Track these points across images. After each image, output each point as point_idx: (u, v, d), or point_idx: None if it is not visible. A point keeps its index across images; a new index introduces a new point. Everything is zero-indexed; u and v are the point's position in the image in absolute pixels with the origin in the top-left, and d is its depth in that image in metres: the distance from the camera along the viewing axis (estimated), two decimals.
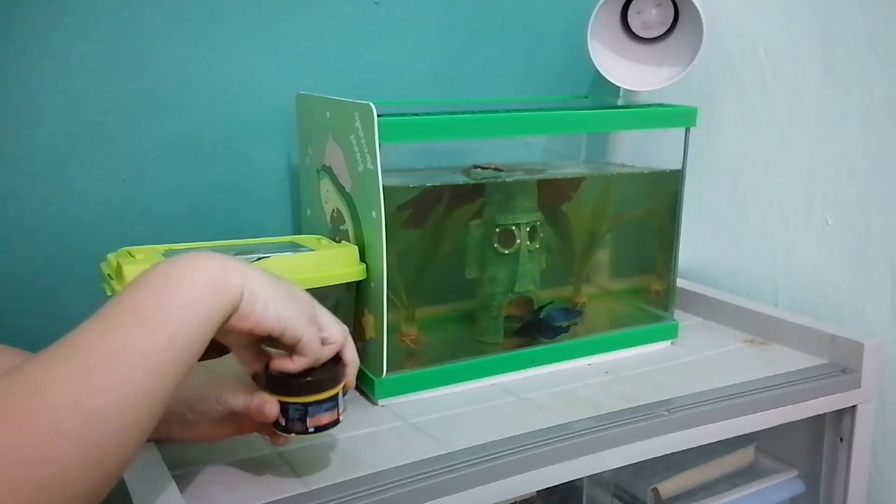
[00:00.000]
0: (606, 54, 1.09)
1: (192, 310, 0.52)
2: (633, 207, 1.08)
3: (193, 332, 0.52)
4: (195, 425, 0.66)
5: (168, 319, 0.51)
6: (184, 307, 0.52)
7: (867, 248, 0.98)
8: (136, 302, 0.51)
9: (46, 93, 0.91)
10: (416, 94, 1.11)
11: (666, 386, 0.87)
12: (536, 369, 0.91)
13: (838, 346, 0.92)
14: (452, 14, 1.13)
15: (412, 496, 0.65)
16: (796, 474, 0.97)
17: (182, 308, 0.52)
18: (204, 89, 0.99)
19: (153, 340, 0.50)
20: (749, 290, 1.12)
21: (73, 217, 0.94)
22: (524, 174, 0.96)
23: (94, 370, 0.47)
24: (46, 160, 0.92)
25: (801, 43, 1.03)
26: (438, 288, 0.95)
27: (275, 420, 0.64)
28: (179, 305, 0.52)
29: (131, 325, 0.50)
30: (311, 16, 1.03)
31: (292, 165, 1.05)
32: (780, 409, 0.86)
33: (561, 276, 1.02)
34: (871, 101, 0.96)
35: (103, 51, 0.93)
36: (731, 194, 1.14)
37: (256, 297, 0.56)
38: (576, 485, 0.85)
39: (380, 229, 0.78)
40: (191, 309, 0.52)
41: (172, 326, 0.51)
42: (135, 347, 0.49)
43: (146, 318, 0.50)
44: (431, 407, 0.78)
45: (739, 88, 1.11)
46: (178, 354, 0.51)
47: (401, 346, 0.89)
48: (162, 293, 0.52)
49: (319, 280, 0.79)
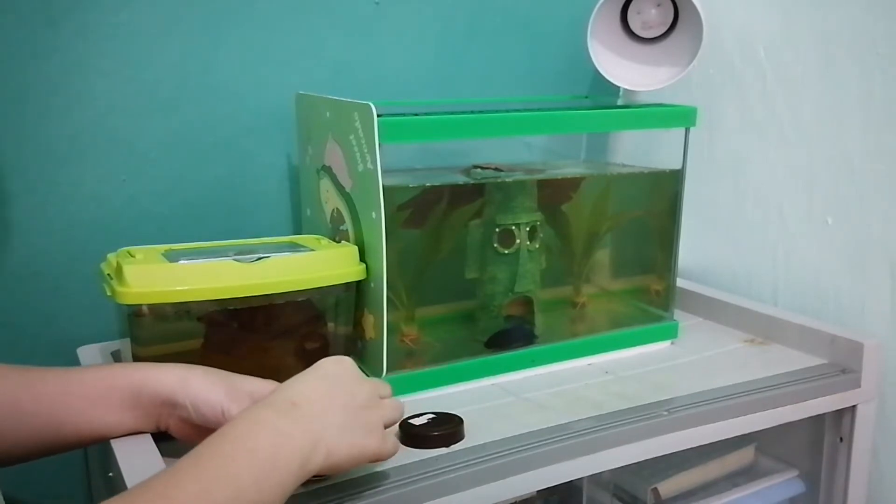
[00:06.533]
0: (606, 54, 1.09)
1: (279, 492, 0.54)
2: (633, 207, 1.08)
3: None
4: (192, 426, 0.67)
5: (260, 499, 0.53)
6: (275, 490, 0.54)
7: (867, 248, 0.98)
8: (236, 474, 0.52)
9: (47, 93, 0.91)
10: (416, 95, 1.11)
11: (666, 386, 0.87)
12: (536, 369, 0.91)
13: (838, 346, 0.92)
14: (453, 14, 1.13)
15: (412, 496, 0.65)
16: (796, 474, 0.97)
17: (273, 491, 0.54)
18: (204, 89, 0.99)
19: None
20: (749, 290, 1.12)
21: (73, 217, 0.94)
22: (524, 174, 0.96)
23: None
24: (47, 160, 0.92)
25: (801, 43, 1.03)
26: (438, 288, 0.95)
27: None
28: (271, 488, 0.54)
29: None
30: (311, 16, 1.03)
31: (292, 165, 1.05)
32: (780, 409, 0.86)
33: (561, 276, 1.02)
34: (871, 102, 0.96)
35: (103, 51, 0.93)
36: (731, 194, 1.14)
37: (334, 461, 0.59)
38: (576, 485, 0.85)
39: (380, 229, 0.78)
40: (279, 491, 0.54)
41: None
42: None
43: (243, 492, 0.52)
44: (431, 407, 0.78)
45: (739, 88, 1.11)
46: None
47: (401, 346, 0.89)
48: (259, 473, 0.53)
49: (319, 280, 0.79)
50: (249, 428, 0.55)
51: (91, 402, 0.66)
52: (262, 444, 0.54)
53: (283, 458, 0.55)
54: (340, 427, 0.60)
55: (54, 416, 0.65)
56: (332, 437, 0.59)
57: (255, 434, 0.55)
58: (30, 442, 0.65)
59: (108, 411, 0.66)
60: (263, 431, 0.55)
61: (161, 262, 0.76)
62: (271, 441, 0.55)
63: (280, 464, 0.54)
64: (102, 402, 0.66)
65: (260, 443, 0.54)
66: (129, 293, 0.72)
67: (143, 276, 0.72)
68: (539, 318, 0.95)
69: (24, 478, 0.56)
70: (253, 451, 0.54)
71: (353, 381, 0.64)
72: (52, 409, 0.65)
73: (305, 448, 0.56)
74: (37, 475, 0.59)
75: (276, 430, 0.56)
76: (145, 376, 0.67)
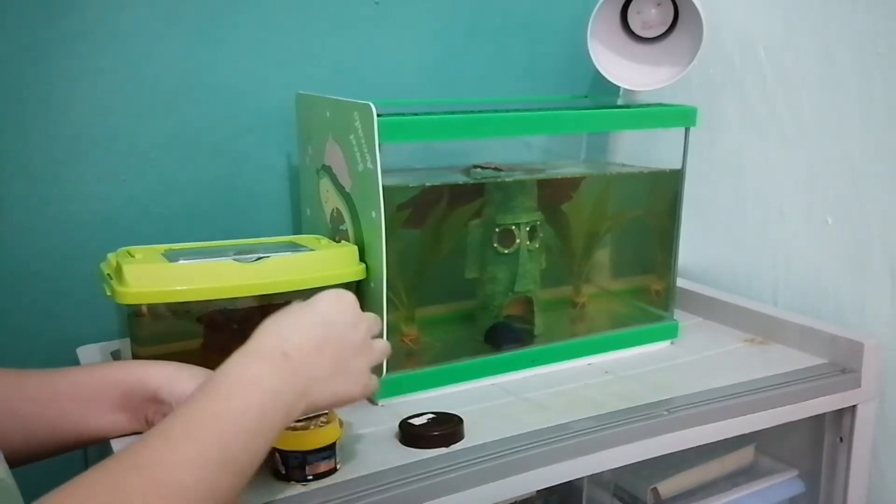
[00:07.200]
0: (606, 54, 1.09)
1: (265, 445, 0.56)
2: (633, 207, 1.08)
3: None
4: (167, 410, 0.66)
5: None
6: (261, 445, 0.56)
7: (867, 248, 0.98)
8: (227, 436, 0.54)
9: (47, 93, 0.91)
10: (416, 94, 1.11)
11: (666, 386, 0.87)
12: (536, 369, 0.91)
13: (838, 345, 0.92)
14: (452, 14, 1.13)
15: (412, 496, 0.65)
16: (796, 474, 0.97)
17: (259, 446, 0.56)
18: (204, 89, 0.99)
19: None
20: (749, 290, 1.12)
21: (73, 217, 0.94)
22: (524, 174, 0.96)
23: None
24: (47, 160, 0.92)
25: (801, 43, 1.03)
26: (438, 288, 0.95)
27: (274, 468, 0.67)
28: (258, 444, 0.55)
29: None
30: (311, 16, 1.03)
31: (292, 165, 1.05)
32: (780, 409, 0.86)
33: (561, 276, 1.02)
34: (871, 102, 0.96)
35: (103, 51, 0.93)
36: (731, 194, 1.14)
37: (314, 407, 0.62)
38: (576, 485, 0.85)
39: (379, 229, 0.78)
40: (264, 445, 0.56)
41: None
42: None
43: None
44: (431, 407, 0.78)
45: (739, 88, 1.11)
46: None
47: (401, 347, 0.89)
48: (248, 433, 0.55)
49: (319, 280, 0.79)
50: (241, 386, 0.56)
51: (84, 403, 0.66)
52: (253, 403, 0.55)
53: (270, 415, 0.56)
54: (327, 378, 0.62)
55: (49, 419, 0.65)
56: (316, 387, 0.61)
57: (246, 393, 0.56)
58: (27, 445, 0.65)
59: (101, 412, 0.66)
60: (255, 391, 0.56)
61: (161, 262, 0.76)
62: (261, 400, 0.56)
63: (267, 421, 0.56)
64: (95, 404, 0.66)
65: (251, 401, 0.55)
66: (129, 293, 0.72)
67: (143, 275, 0.72)
68: (539, 318, 0.95)
69: (22, 479, 0.56)
70: (244, 412, 0.55)
71: (347, 327, 0.64)
72: (46, 413, 0.65)
73: (290, 401, 0.58)
74: (34, 477, 0.58)
75: (267, 389, 0.57)
76: (134, 375, 0.67)
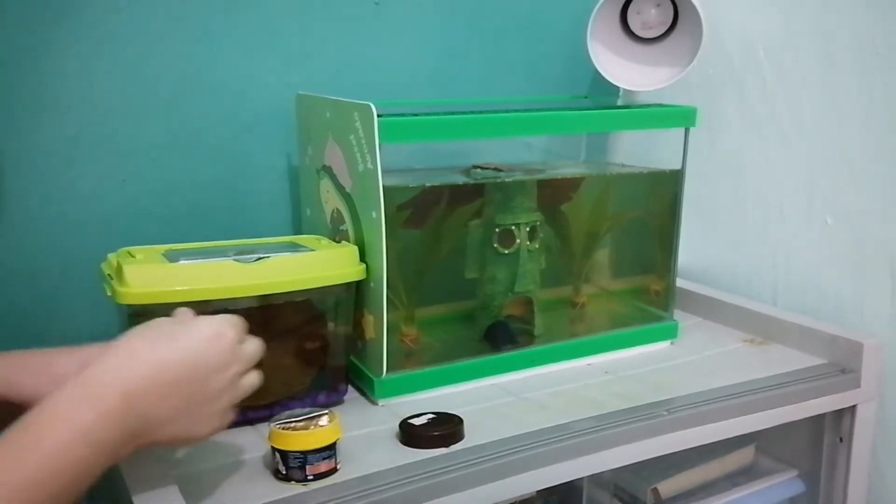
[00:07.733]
0: (606, 54, 1.09)
1: (87, 481, 0.54)
2: (632, 207, 1.08)
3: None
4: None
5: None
6: (81, 483, 0.54)
7: (867, 248, 0.98)
8: (41, 479, 0.51)
9: (47, 93, 0.91)
10: (416, 95, 1.11)
11: (666, 386, 0.87)
12: (536, 369, 0.91)
13: (838, 346, 0.92)
14: (453, 14, 1.13)
15: (412, 496, 0.65)
16: (796, 474, 0.97)
17: (79, 484, 0.54)
18: (204, 89, 0.99)
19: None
20: (749, 290, 1.12)
21: (73, 217, 0.94)
22: (524, 174, 0.96)
23: None
24: (47, 160, 0.92)
25: (801, 43, 1.03)
26: (438, 288, 0.95)
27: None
28: (74, 483, 0.53)
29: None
30: (311, 16, 1.03)
31: (292, 165, 1.05)
32: (780, 409, 0.86)
33: (561, 276, 1.02)
34: (871, 102, 0.96)
35: (103, 51, 0.93)
36: (731, 194, 1.14)
37: (151, 445, 0.59)
38: (576, 485, 0.85)
39: (380, 229, 0.78)
40: (86, 481, 0.54)
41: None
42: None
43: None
44: (431, 407, 0.78)
45: (739, 88, 1.11)
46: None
47: (400, 347, 0.89)
48: (63, 479, 0.53)
49: (319, 280, 0.79)
50: (55, 425, 0.53)
51: None
52: (62, 443, 0.53)
53: (82, 457, 0.54)
54: (169, 419, 0.59)
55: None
56: (154, 429, 0.58)
57: (56, 433, 0.53)
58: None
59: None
60: (66, 430, 0.53)
61: (161, 262, 0.76)
62: (71, 440, 0.53)
63: (79, 463, 0.53)
64: None
65: (59, 440, 0.53)
66: (129, 293, 0.72)
67: (143, 276, 0.72)
68: (539, 318, 0.95)
69: None
70: (50, 454, 0.52)
71: (213, 370, 0.61)
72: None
73: (113, 444, 0.55)
74: None
75: (82, 432, 0.54)
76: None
